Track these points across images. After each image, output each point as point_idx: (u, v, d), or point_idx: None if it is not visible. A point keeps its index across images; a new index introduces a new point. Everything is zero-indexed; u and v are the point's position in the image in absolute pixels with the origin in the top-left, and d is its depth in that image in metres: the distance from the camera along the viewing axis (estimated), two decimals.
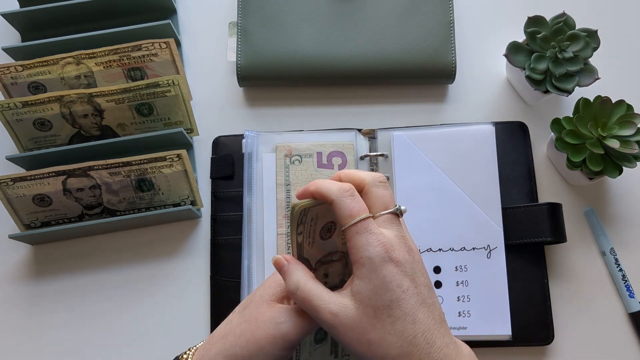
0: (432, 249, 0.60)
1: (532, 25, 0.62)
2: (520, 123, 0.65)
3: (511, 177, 0.63)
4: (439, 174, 0.61)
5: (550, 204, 0.61)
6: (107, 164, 0.60)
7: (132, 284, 0.63)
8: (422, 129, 0.63)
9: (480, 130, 0.62)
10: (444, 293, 0.59)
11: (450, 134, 0.62)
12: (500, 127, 0.64)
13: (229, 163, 0.65)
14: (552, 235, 0.60)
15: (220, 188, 0.64)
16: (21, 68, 0.63)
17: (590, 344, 0.61)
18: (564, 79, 0.60)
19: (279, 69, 0.65)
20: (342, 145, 0.62)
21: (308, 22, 0.66)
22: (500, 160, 0.62)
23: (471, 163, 0.61)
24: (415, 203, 0.60)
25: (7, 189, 0.60)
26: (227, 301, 0.61)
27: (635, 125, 0.58)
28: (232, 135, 0.66)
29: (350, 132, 0.63)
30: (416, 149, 0.61)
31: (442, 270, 0.59)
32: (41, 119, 0.63)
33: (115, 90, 0.62)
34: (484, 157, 0.61)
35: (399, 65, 0.65)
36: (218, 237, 0.63)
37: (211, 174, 0.65)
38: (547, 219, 0.60)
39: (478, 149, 0.61)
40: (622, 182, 0.65)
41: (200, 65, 0.70)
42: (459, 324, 0.58)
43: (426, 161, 0.61)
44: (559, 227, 0.60)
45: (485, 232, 0.60)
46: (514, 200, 0.62)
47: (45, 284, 0.64)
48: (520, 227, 0.60)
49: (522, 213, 0.61)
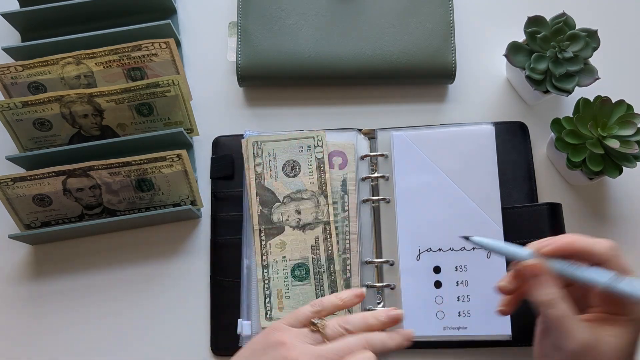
0: (432, 249, 0.60)
1: (532, 25, 0.62)
2: (520, 123, 0.65)
3: (511, 178, 0.63)
4: (438, 174, 0.61)
5: (550, 204, 0.61)
6: (107, 164, 0.60)
7: (132, 284, 0.63)
8: (422, 129, 0.63)
9: (480, 130, 0.62)
10: (443, 293, 0.59)
11: (450, 134, 0.62)
12: (500, 127, 0.64)
13: (229, 163, 0.65)
14: (552, 235, 0.59)
15: (220, 188, 0.64)
16: (21, 68, 0.63)
17: None
18: (564, 79, 0.60)
19: (279, 69, 0.65)
20: (342, 145, 0.62)
21: (308, 22, 0.66)
22: (500, 160, 0.62)
23: (471, 163, 0.61)
24: (415, 203, 0.60)
25: (7, 189, 0.60)
26: (227, 301, 0.61)
27: (635, 125, 0.58)
28: (232, 135, 0.66)
29: (350, 132, 0.63)
30: (416, 149, 0.61)
31: (442, 270, 0.59)
32: (41, 119, 0.63)
33: (115, 90, 0.62)
34: (483, 157, 0.61)
35: (399, 65, 0.65)
36: (218, 237, 0.63)
37: (211, 174, 0.65)
38: (547, 219, 0.60)
39: (478, 149, 0.61)
40: (622, 182, 0.65)
41: (200, 65, 0.70)
42: (458, 323, 0.58)
43: (426, 161, 0.61)
44: (559, 227, 0.60)
45: (485, 231, 0.59)
46: (513, 200, 0.62)
47: (45, 284, 0.64)
48: (521, 227, 0.60)
49: (522, 213, 0.61)
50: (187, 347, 0.62)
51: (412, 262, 0.59)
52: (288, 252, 0.60)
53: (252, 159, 0.58)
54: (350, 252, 0.60)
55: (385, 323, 0.52)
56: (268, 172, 0.59)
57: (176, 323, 0.62)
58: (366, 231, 0.61)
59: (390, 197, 0.61)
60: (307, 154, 0.61)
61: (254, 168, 0.58)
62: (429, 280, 0.59)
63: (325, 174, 0.61)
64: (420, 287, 0.59)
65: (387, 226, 0.61)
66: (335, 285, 0.59)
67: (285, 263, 0.59)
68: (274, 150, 0.60)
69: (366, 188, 0.62)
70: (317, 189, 0.59)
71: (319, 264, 0.59)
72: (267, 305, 0.59)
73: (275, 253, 0.59)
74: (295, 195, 0.58)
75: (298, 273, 0.59)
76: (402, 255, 0.60)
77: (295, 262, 0.59)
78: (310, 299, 0.58)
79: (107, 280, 0.63)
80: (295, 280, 0.58)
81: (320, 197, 0.58)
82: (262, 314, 0.59)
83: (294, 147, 0.61)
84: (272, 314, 0.59)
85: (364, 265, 0.61)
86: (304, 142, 0.61)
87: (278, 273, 0.59)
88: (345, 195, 0.61)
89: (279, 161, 0.60)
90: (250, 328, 0.59)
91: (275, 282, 0.59)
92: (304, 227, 0.59)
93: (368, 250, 0.61)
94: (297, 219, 0.58)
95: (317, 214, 0.57)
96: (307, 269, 0.59)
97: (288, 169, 0.58)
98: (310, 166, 0.60)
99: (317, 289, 0.59)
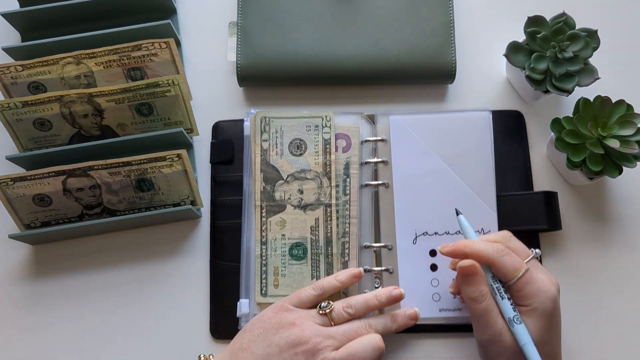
0: (428, 232, 0.61)
1: (532, 25, 0.62)
2: (516, 112, 0.66)
3: (507, 165, 0.64)
4: (435, 159, 0.62)
5: (546, 192, 0.62)
6: (107, 164, 0.60)
7: (132, 284, 0.63)
8: (419, 113, 0.63)
9: (477, 116, 0.62)
10: (439, 276, 0.60)
11: (448, 119, 0.63)
12: (497, 115, 0.65)
13: (229, 147, 0.65)
14: (547, 223, 0.61)
15: (219, 173, 0.65)
16: (21, 68, 0.63)
17: (584, 328, 0.61)
18: (564, 78, 0.60)
19: (279, 68, 0.65)
20: (347, 128, 0.63)
21: (308, 22, 0.66)
22: (497, 148, 0.62)
23: (467, 148, 0.62)
24: (411, 187, 0.61)
25: (7, 189, 0.60)
26: (227, 284, 0.62)
27: (635, 125, 0.58)
28: (231, 120, 0.66)
29: (355, 116, 0.64)
30: (413, 133, 0.62)
31: (437, 253, 0.60)
32: (41, 119, 0.63)
33: (115, 90, 0.62)
34: (480, 143, 0.62)
35: (399, 65, 0.65)
36: (217, 222, 0.63)
37: (211, 158, 0.65)
38: (543, 207, 0.61)
39: (475, 134, 0.62)
40: (622, 182, 0.65)
41: (200, 65, 0.70)
42: (454, 305, 0.60)
43: (423, 146, 0.62)
44: (554, 215, 0.61)
45: (480, 215, 0.61)
46: (509, 188, 0.63)
47: (45, 284, 0.64)
48: (516, 214, 0.61)
49: (518, 201, 0.62)
50: (186, 346, 0.62)
51: (409, 245, 0.60)
52: (287, 231, 0.60)
53: (259, 134, 0.58)
54: (349, 235, 0.60)
55: (386, 303, 0.57)
56: (274, 149, 0.59)
57: (175, 323, 0.62)
58: (366, 216, 0.62)
59: (389, 181, 0.62)
60: (315, 133, 0.61)
61: (260, 144, 0.58)
62: (425, 263, 0.60)
63: (331, 156, 0.61)
64: (416, 270, 0.60)
65: (386, 211, 0.62)
66: (332, 268, 0.59)
67: (284, 241, 0.60)
68: (281, 127, 0.60)
69: (367, 173, 0.63)
70: (322, 170, 0.60)
71: (317, 246, 0.60)
72: (262, 281, 0.59)
73: (274, 230, 0.60)
74: (299, 174, 0.59)
75: (296, 252, 0.59)
76: (400, 238, 0.60)
77: (293, 241, 0.60)
78: (306, 278, 0.59)
79: (107, 281, 0.63)
80: (293, 259, 0.59)
81: (323, 179, 0.58)
82: (257, 290, 0.59)
83: (301, 126, 0.61)
84: (268, 290, 0.59)
85: (363, 250, 0.61)
86: (312, 122, 0.62)
87: (276, 250, 0.60)
88: (347, 178, 0.62)
89: (286, 139, 0.60)
90: (249, 306, 0.59)
91: (273, 259, 0.59)
92: (305, 207, 0.59)
93: (367, 234, 0.62)
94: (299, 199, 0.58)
95: (320, 195, 0.57)
96: (305, 249, 0.59)
97: (294, 148, 0.58)
98: (316, 146, 0.61)
99: (313, 270, 0.59)
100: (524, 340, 0.49)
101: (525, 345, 0.49)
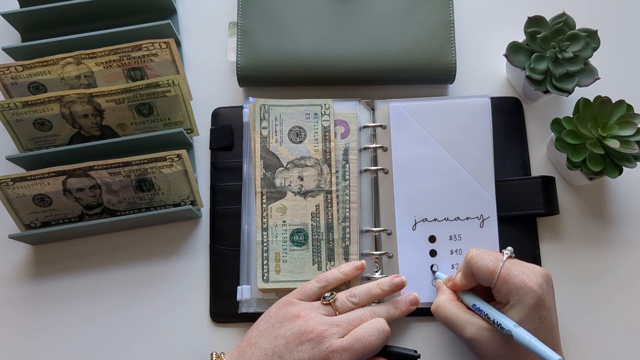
0: (428, 219, 0.61)
1: (532, 25, 0.62)
2: (514, 99, 0.66)
3: (505, 151, 0.64)
4: (434, 145, 0.62)
5: (544, 177, 0.62)
6: (107, 164, 0.60)
7: (132, 284, 0.63)
8: (419, 100, 0.64)
9: (476, 103, 0.63)
10: (438, 261, 0.61)
11: (447, 105, 0.63)
12: (495, 102, 0.65)
13: (229, 134, 0.65)
14: (545, 208, 0.61)
15: (219, 159, 0.65)
16: (21, 68, 0.63)
17: (585, 329, 0.61)
18: (564, 79, 0.60)
19: (279, 69, 0.65)
20: (345, 114, 0.63)
21: (308, 22, 0.66)
22: (495, 134, 0.63)
23: (466, 135, 0.62)
24: (411, 174, 0.62)
25: (7, 189, 0.60)
26: (226, 268, 0.62)
27: (635, 125, 0.58)
28: (231, 107, 0.67)
29: (353, 102, 0.64)
30: (412, 120, 0.62)
31: (437, 239, 0.61)
32: (41, 119, 0.63)
33: (115, 90, 0.62)
34: (479, 129, 0.62)
35: (399, 65, 0.65)
36: (217, 207, 0.64)
37: (210, 144, 0.66)
38: (541, 192, 0.62)
39: (474, 121, 0.62)
40: (622, 182, 0.65)
41: (200, 65, 0.70)
42: None
43: (422, 132, 0.62)
44: (552, 199, 0.62)
45: (479, 202, 0.61)
46: (507, 173, 0.64)
47: (46, 284, 0.64)
48: (514, 199, 0.62)
49: (516, 186, 0.62)
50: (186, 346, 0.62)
51: (409, 231, 0.61)
52: (288, 217, 0.60)
53: (259, 122, 0.59)
54: (350, 220, 0.61)
55: (389, 291, 0.58)
56: (274, 137, 0.60)
57: (176, 323, 0.62)
58: (365, 200, 0.63)
59: (388, 167, 0.62)
60: (314, 121, 0.62)
61: (259, 131, 0.59)
62: (424, 249, 0.61)
63: (331, 143, 0.62)
64: (416, 255, 0.61)
65: (385, 196, 0.62)
66: (333, 253, 0.60)
67: (285, 227, 0.60)
68: (280, 115, 0.61)
69: (366, 158, 0.63)
70: (322, 157, 0.61)
71: (318, 232, 0.60)
72: (264, 267, 0.60)
73: (275, 217, 0.60)
74: (299, 161, 0.59)
75: (297, 238, 0.60)
76: (399, 224, 0.61)
77: (294, 228, 0.60)
78: (307, 264, 0.60)
79: (107, 281, 0.63)
80: (294, 245, 0.60)
81: (323, 166, 0.59)
82: (259, 276, 0.60)
83: (301, 114, 0.62)
84: (269, 276, 0.60)
85: (362, 234, 0.62)
86: (311, 109, 0.62)
87: (277, 237, 0.60)
88: (346, 164, 0.62)
89: (285, 126, 0.61)
90: (250, 292, 0.60)
91: (274, 245, 0.60)
92: (306, 194, 0.60)
93: (366, 219, 0.62)
94: (299, 185, 0.59)
95: (320, 182, 0.58)
96: (305, 235, 0.59)
97: (294, 135, 0.59)
98: (316, 134, 0.61)
99: (315, 255, 0.60)
100: (526, 340, 0.49)
101: (530, 343, 0.49)
